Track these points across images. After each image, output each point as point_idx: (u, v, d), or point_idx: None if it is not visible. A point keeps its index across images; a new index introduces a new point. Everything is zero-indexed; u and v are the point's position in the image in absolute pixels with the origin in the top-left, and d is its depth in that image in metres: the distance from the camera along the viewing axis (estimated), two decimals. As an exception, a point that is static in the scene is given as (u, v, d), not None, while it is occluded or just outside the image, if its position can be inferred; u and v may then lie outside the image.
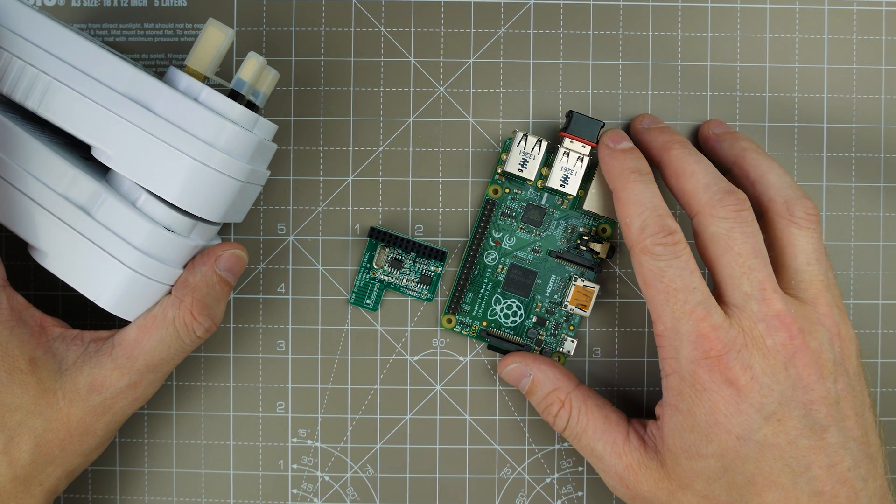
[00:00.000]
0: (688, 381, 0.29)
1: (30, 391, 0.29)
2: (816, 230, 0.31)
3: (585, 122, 0.33)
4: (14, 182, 0.29)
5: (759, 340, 0.29)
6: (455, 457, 0.35)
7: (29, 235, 0.30)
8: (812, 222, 0.31)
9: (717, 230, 0.30)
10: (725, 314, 0.29)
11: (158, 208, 0.30)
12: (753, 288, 0.30)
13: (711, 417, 0.29)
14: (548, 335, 0.35)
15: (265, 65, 0.31)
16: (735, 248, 0.30)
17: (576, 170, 0.34)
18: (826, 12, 0.35)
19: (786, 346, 0.29)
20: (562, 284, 0.35)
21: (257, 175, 0.31)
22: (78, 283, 0.30)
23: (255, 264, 0.35)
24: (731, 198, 0.30)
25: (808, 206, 0.31)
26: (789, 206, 0.31)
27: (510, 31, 0.35)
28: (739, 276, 0.30)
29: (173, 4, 0.35)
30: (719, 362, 0.29)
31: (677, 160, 0.32)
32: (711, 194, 0.30)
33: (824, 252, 0.31)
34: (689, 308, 0.29)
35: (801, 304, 0.30)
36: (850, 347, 0.30)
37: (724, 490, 0.29)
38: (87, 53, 0.29)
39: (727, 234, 0.30)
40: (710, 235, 0.30)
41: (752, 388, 0.29)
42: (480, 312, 0.35)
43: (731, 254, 0.30)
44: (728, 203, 0.30)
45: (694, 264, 0.30)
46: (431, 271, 0.35)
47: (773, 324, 0.29)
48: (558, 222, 0.35)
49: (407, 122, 0.35)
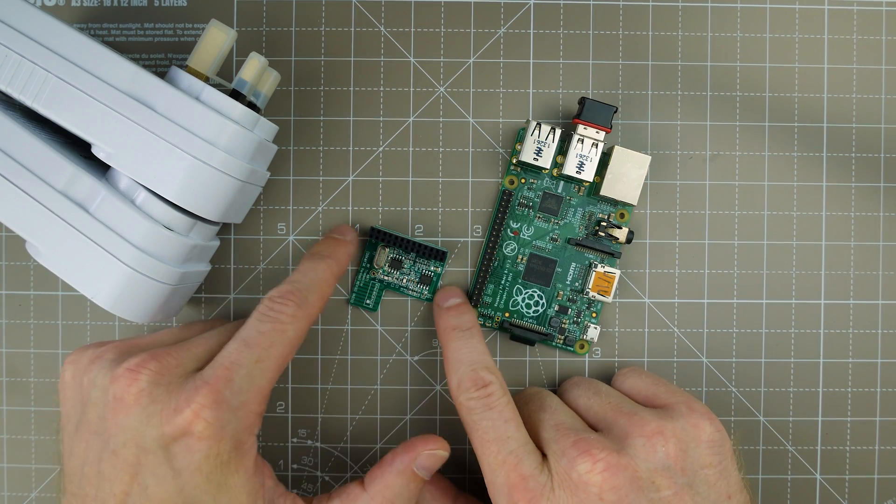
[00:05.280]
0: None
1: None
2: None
3: (599, 107, 0.33)
4: (12, 179, 0.29)
5: (565, 479, 0.28)
6: (455, 457, 0.35)
7: (27, 232, 0.30)
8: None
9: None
10: (543, 459, 0.29)
11: (157, 206, 0.30)
12: (550, 432, 0.30)
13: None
14: (570, 323, 0.35)
15: (266, 65, 0.31)
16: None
17: (591, 156, 0.34)
18: (826, 12, 0.35)
19: (591, 475, 0.28)
20: (582, 272, 0.35)
21: (257, 175, 0.31)
22: (75, 280, 0.30)
23: (255, 264, 0.35)
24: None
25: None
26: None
27: (510, 31, 0.35)
28: (538, 427, 0.30)
29: (173, 4, 0.35)
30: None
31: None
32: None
33: (590, 385, 0.32)
34: (502, 458, 0.29)
35: (613, 425, 0.30)
36: (680, 444, 0.29)
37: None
38: (88, 51, 0.29)
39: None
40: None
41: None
42: (502, 304, 0.35)
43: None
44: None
45: (510, 412, 0.30)
46: (431, 271, 0.35)
47: (571, 455, 0.28)
48: (576, 210, 0.35)
49: (407, 122, 0.35)
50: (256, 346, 0.28)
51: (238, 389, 0.28)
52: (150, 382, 0.27)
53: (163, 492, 0.27)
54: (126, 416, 0.27)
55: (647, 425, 0.29)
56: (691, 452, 0.29)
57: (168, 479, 0.27)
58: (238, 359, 0.28)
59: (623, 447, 0.29)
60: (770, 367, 0.36)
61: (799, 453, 0.36)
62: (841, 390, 0.36)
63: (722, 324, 0.36)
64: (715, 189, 0.35)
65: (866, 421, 0.36)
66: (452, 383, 0.31)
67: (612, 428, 0.30)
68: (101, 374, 0.28)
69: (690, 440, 0.29)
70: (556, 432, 0.30)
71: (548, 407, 0.31)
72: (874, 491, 0.36)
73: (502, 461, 0.29)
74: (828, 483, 0.36)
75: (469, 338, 0.32)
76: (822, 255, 0.36)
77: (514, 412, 0.30)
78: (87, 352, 0.29)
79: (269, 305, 0.30)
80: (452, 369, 0.31)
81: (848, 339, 0.36)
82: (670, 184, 0.35)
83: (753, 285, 0.36)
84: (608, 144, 0.35)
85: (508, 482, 0.29)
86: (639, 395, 0.32)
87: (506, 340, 0.36)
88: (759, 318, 0.36)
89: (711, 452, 0.29)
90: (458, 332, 0.32)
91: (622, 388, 0.33)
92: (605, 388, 0.33)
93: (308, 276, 0.31)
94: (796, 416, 0.36)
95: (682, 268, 0.35)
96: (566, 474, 0.28)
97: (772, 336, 0.36)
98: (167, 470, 0.27)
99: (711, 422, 0.30)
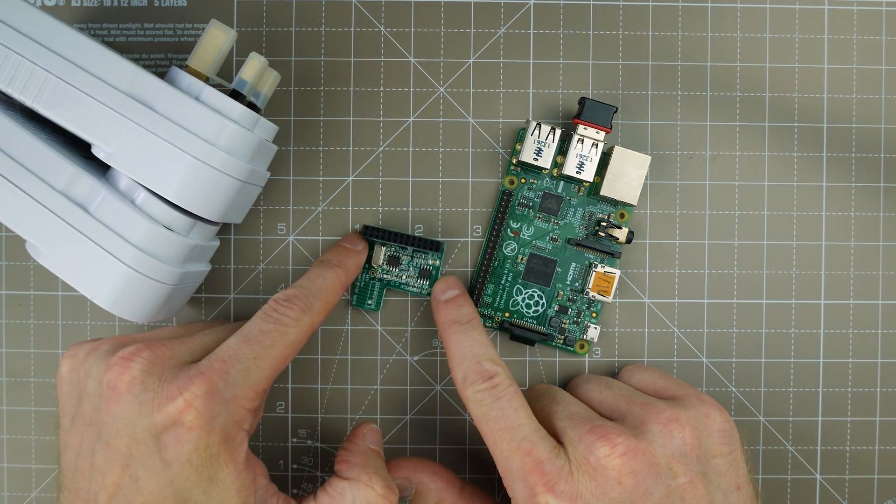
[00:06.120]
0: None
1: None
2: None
3: (598, 107, 0.33)
4: (12, 179, 0.29)
5: (583, 463, 0.28)
6: (455, 457, 0.35)
7: (26, 232, 0.30)
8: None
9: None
10: (558, 444, 0.29)
11: (157, 206, 0.30)
12: (565, 421, 0.30)
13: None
14: (570, 323, 0.35)
15: (266, 65, 0.31)
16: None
17: (591, 156, 0.34)
18: (826, 12, 0.35)
19: (610, 458, 0.28)
20: (582, 272, 0.35)
21: (257, 175, 0.31)
22: (75, 280, 0.30)
23: (255, 264, 0.35)
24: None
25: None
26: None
27: (510, 31, 0.35)
28: (552, 418, 0.30)
29: (173, 4, 0.35)
30: (552, 495, 0.28)
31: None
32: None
33: (595, 380, 0.33)
34: (515, 444, 0.29)
35: (627, 414, 0.30)
36: (695, 432, 0.29)
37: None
38: (88, 51, 0.29)
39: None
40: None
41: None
42: (502, 304, 0.35)
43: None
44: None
45: (518, 400, 0.30)
46: (430, 265, 0.35)
47: (589, 440, 0.28)
48: (576, 210, 0.35)
49: (407, 122, 0.35)
50: (256, 344, 0.29)
51: (232, 382, 0.28)
52: (142, 371, 0.27)
53: (153, 484, 0.27)
54: (119, 405, 0.27)
55: (663, 413, 0.29)
56: (704, 441, 0.29)
57: (158, 470, 0.27)
58: (236, 353, 0.28)
59: (640, 433, 0.29)
60: (770, 367, 0.36)
61: (799, 453, 0.36)
62: (841, 390, 0.36)
63: (722, 324, 0.36)
64: (715, 189, 0.35)
65: (866, 421, 0.36)
66: (458, 378, 0.31)
67: (626, 417, 0.30)
68: (96, 364, 0.28)
69: (703, 429, 0.29)
70: (571, 421, 0.30)
71: (560, 399, 0.31)
72: (874, 491, 0.36)
73: (516, 447, 0.29)
74: (828, 483, 0.36)
75: (470, 330, 0.32)
76: (822, 255, 0.36)
77: (522, 401, 0.30)
78: (83, 346, 0.30)
79: (274, 307, 0.30)
80: (456, 364, 0.31)
81: (848, 339, 0.36)
82: (670, 184, 0.35)
83: (753, 285, 0.36)
84: (608, 144, 0.35)
85: (524, 467, 0.28)
86: (647, 389, 0.33)
87: (506, 340, 0.36)
88: (759, 318, 0.36)
89: (722, 442, 0.30)
90: (458, 326, 0.32)
91: (630, 382, 0.33)
92: (615, 382, 0.33)
93: (316, 282, 0.31)
94: (796, 416, 0.36)
95: (682, 268, 0.35)
96: (584, 459, 0.28)
97: (772, 336, 0.36)
98: (157, 461, 0.27)
99: (721, 412, 0.30)
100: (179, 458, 0.27)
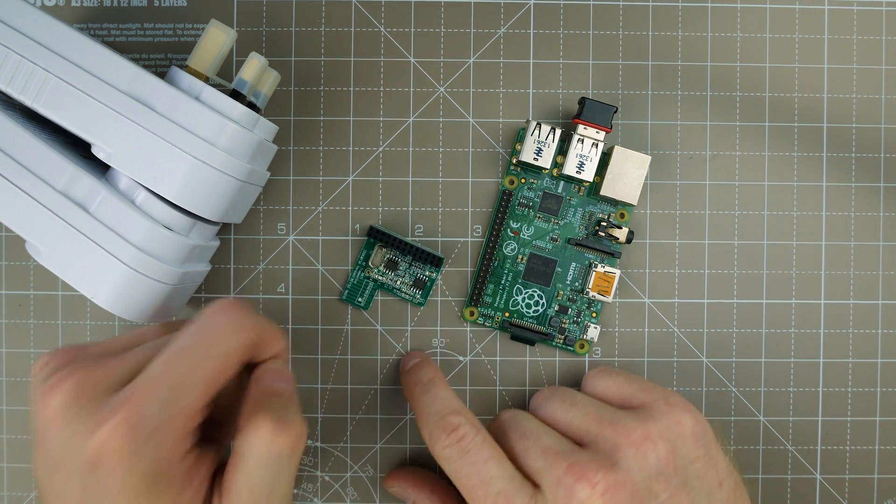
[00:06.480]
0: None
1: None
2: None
3: (598, 107, 0.33)
4: (12, 179, 0.29)
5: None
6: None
7: (26, 232, 0.30)
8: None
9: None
10: (534, 489, 0.29)
11: (157, 206, 0.30)
12: (538, 461, 0.29)
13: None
14: (570, 323, 0.35)
15: (266, 65, 0.31)
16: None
17: (591, 156, 0.34)
18: (826, 12, 0.35)
19: (592, 500, 0.27)
20: (582, 272, 0.35)
21: (257, 175, 0.31)
22: (75, 280, 0.30)
23: (255, 264, 0.35)
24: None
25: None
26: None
27: (510, 31, 0.35)
28: (524, 456, 0.29)
29: (173, 4, 0.35)
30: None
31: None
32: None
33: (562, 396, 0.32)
34: (491, 501, 0.28)
35: (598, 438, 0.29)
36: (668, 444, 0.29)
37: None
38: (88, 51, 0.29)
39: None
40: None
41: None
42: (502, 303, 0.35)
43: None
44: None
45: (487, 449, 0.29)
46: (426, 276, 0.35)
47: (567, 483, 0.28)
48: (576, 210, 0.35)
49: (407, 123, 0.35)
50: (184, 360, 0.26)
51: (157, 409, 0.25)
52: (68, 399, 0.25)
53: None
54: (52, 435, 0.25)
55: (633, 432, 0.29)
56: (679, 450, 0.29)
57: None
58: (161, 374, 0.26)
59: (615, 462, 0.28)
60: (770, 367, 0.36)
61: (799, 453, 0.36)
62: (841, 390, 0.36)
63: (722, 324, 0.36)
64: (715, 189, 0.35)
65: (866, 421, 0.36)
66: (425, 436, 0.30)
67: (597, 441, 0.29)
68: (34, 386, 0.26)
69: (676, 438, 0.29)
70: (545, 459, 0.29)
71: (529, 433, 0.30)
72: (874, 491, 0.36)
73: (492, 503, 0.28)
74: (828, 483, 0.36)
75: (431, 388, 0.32)
76: (822, 255, 0.36)
77: (492, 449, 0.29)
78: (41, 359, 0.27)
79: (209, 314, 0.28)
80: (422, 424, 0.31)
81: (848, 339, 0.36)
82: (670, 184, 0.35)
83: (753, 285, 0.36)
84: (608, 144, 0.35)
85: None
86: (613, 398, 0.32)
87: (506, 340, 0.36)
88: (759, 318, 0.36)
89: (696, 445, 0.29)
90: (420, 387, 0.32)
91: (595, 391, 0.33)
92: (579, 396, 0.32)
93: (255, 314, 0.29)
94: (796, 415, 0.36)
95: (682, 268, 0.35)
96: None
97: (772, 336, 0.36)
98: (92, 497, 0.25)
99: (691, 414, 0.30)
100: (112, 493, 0.25)
